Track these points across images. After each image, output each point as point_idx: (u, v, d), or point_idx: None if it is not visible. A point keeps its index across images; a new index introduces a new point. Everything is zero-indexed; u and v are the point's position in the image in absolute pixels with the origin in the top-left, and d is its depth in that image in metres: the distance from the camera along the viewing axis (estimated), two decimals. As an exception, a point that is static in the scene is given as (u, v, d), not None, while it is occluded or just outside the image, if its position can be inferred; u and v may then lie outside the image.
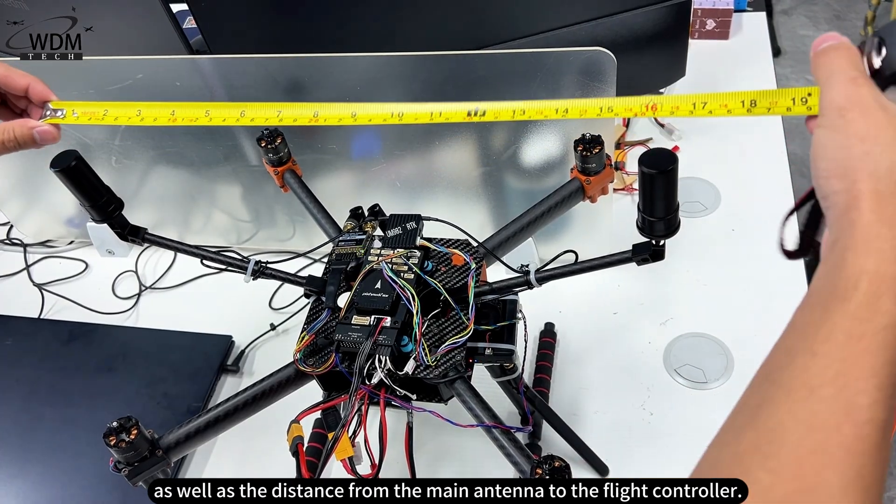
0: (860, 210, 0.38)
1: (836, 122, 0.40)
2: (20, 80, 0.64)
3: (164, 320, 1.10)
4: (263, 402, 0.74)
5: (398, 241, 0.76)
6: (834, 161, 0.40)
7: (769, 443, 0.35)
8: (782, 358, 0.38)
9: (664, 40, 1.07)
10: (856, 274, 0.37)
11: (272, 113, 0.57)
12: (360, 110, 0.59)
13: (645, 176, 0.56)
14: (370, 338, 0.67)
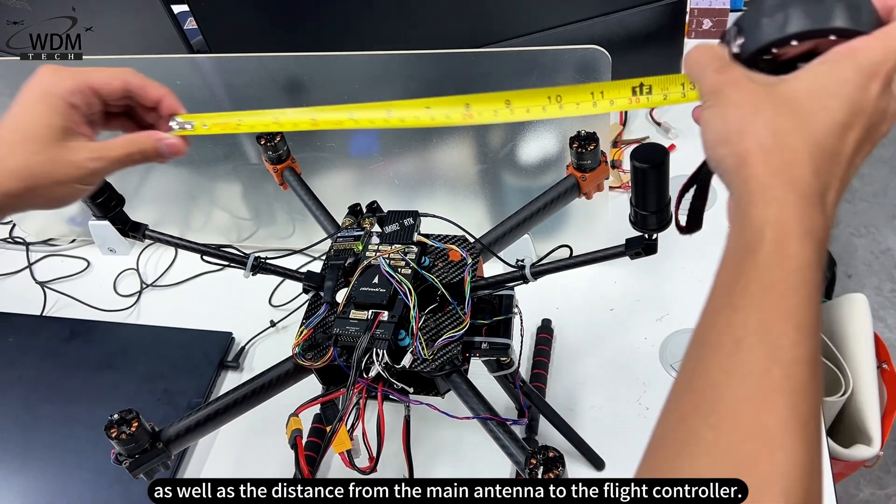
0: (749, 165, 0.40)
1: (713, 100, 0.43)
2: (154, 93, 0.60)
3: (165, 317, 1.11)
4: (263, 395, 0.75)
5: (396, 237, 0.77)
6: (716, 131, 0.43)
7: (706, 400, 0.37)
8: (708, 318, 0.40)
9: (660, 39, 1.08)
10: (759, 225, 0.38)
11: (422, 112, 0.55)
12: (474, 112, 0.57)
13: (637, 170, 0.57)
14: (368, 332, 0.68)
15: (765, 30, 0.43)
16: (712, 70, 0.44)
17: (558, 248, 0.72)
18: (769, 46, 0.43)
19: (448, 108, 0.54)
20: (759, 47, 0.43)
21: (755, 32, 0.43)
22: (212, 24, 0.94)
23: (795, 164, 0.39)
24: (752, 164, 0.40)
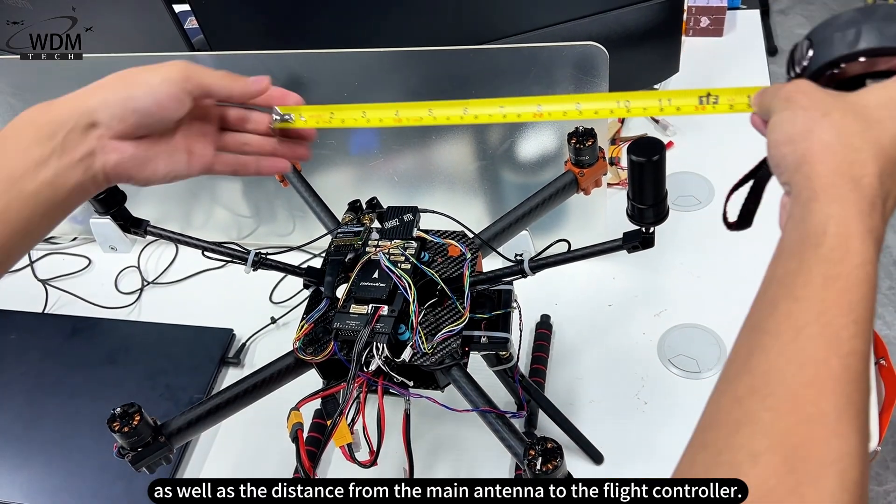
0: (812, 163, 0.42)
1: (783, 105, 0.45)
2: (254, 87, 0.61)
3: (166, 314, 1.11)
4: (264, 389, 0.75)
5: (395, 232, 0.78)
6: (783, 132, 0.45)
7: (765, 384, 0.38)
8: (766, 308, 0.41)
9: (658, 37, 1.08)
10: (823, 220, 0.40)
11: (496, 110, 0.59)
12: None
13: (633, 164, 0.57)
14: (368, 326, 0.69)
15: (836, 45, 0.45)
16: (785, 85, 0.47)
17: (557, 242, 0.73)
18: (839, 61, 0.45)
19: (520, 106, 0.58)
20: (828, 61, 0.45)
21: (826, 47, 0.45)
22: (212, 23, 0.95)
23: (858, 165, 0.41)
24: (815, 162, 0.42)
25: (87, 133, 0.52)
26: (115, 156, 0.54)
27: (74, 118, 0.52)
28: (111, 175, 0.54)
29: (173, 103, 0.55)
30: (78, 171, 0.52)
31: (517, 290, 0.76)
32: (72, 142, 0.52)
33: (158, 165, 0.57)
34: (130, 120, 0.54)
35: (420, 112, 0.61)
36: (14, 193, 0.50)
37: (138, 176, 0.56)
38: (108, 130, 0.53)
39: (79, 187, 0.53)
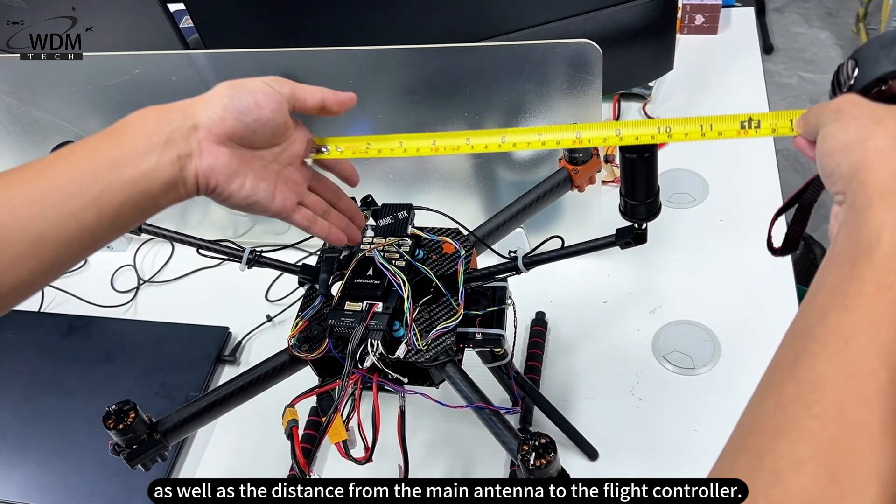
0: (867, 170, 0.41)
1: (834, 117, 0.45)
2: (344, 96, 0.62)
3: (162, 313, 1.11)
4: (259, 387, 0.75)
5: (390, 229, 0.78)
6: (836, 141, 0.44)
7: (811, 392, 0.38)
8: (815, 315, 0.40)
9: (652, 34, 1.09)
10: (877, 227, 0.39)
11: (534, 138, 0.60)
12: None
13: (626, 160, 0.58)
14: (362, 322, 0.69)
15: (882, 62, 0.46)
16: (834, 100, 0.47)
17: (550, 238, 0.73)
18: (886, 77, 0.46)
19: (559, 133, 0.58)
20: (875, 78, 0.46)
21: (872, 64, 0.46)
22: (207, 21, 0.95)
23: None
24: (870, 169, 0.41)
25: (190, 135, 0.54)
26: (210, 159, 0.55)
27: (180, 119, 0.54)
28: (201, 178, 0.56)
29: (270, 103, 0.57)
30: (174, 168, 0.53)
31: (512, 287, 0.76)
32: (175, 140, 0.53)
33: (245, 182, 0.58)
34: (230, 120, 0.55)
35: (457, 141, 0.62)
36: (112, 178, 0.51)
37: (224, 187, 0.57)
38: (208, 133, 0.55)
39: (170, 184, 0.54)
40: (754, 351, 0.94)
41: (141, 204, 0.53)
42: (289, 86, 0.59)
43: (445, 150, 0.63)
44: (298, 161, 0.63)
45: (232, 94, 0.56)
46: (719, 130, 0.54)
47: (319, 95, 0.61)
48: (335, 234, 0.66)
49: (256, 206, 0.60)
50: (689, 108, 1.31)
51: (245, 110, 0.56)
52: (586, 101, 0.86)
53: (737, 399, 0.89)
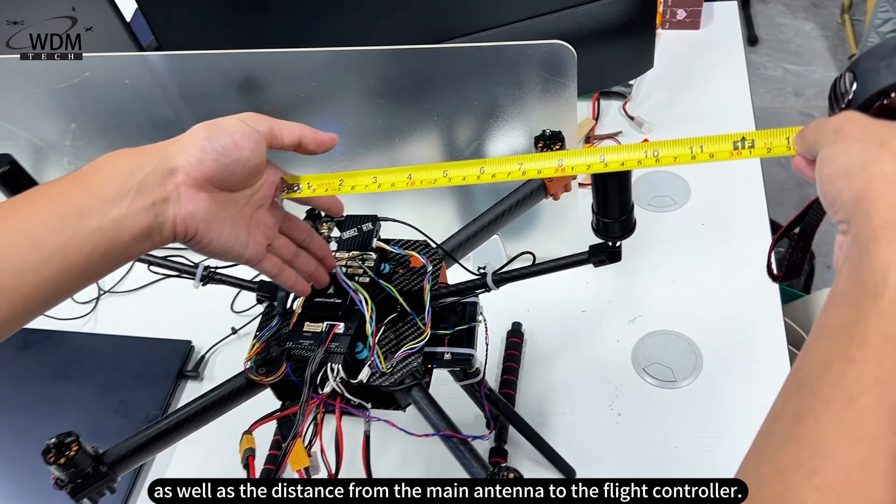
0: (871, 199, 0.38)
1: (834, 137, 0.42)
2: (324, 135, 0.61)
3: (123, 326, 1.07)
4: (214, 412, 0.71)
5: (354, 243, 0.74)
6: (836, 165, 0.41)
7: (812, 457, 0.34)
8: (817, 364, 0.37)
9: (631, 32, 1.04)
10: (883, 266, 0.36)
11: (514, 168, 0.57)
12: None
13: (597, 177, 0.54)
14: (322, 345, 0.65)
15: (882, 74, 0.43)
16: (832, 118, 0.43)
17: (521, 254, 0.69)
18: (888, 90, 0.42)
19: (541, 162, 0.55)
20: (876, 91, 0.43)
21: (872, 77, 0.43)
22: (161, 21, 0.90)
23: None
24: (875, 198, 0.37)
25: (167, 179, 0.51)
26: (189, 206, 0.52)
27: (155, 163, 0.51)
28: (179, 226, 0.52)
29: (249, 143, 0.54)
30: (148, 215, 0.50)
31: (486, 295, 0.72)
32: (149, 185, 0.50)
33: (224, 229, 0.55)
34: (208, 163, 0.52)
35: (434, 174, 0.59)
36: (79, 227, 0.47)
37: (203, 234, 0.54)
38: (186, 177, 0.52)
39: (144, 233, 0.50)
40: (737, 364, 0.91)
41: (110, 254, 0.49)
42: (266, 123, 0.56)
43: (422, 183, 0.60)
44: (269, 202, 0.60)
45: (209, 135, 0.53)
46: (711, 152, 0.50)
47: (297, 132, 0.58)
48: (301, 286, 0.64)
49: (230, 255, 0.57)
50: (671, 106, 1.27)
51: (224, 151, 0.53)
52: (561, 104, 0.82)
53: (718, 414, 0.87)
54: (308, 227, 0.66)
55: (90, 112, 0.92)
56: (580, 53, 0.78)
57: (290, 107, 0.87)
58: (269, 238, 0.60)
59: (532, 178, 0.75)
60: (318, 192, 0.61)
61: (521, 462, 0.87)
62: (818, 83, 2.65)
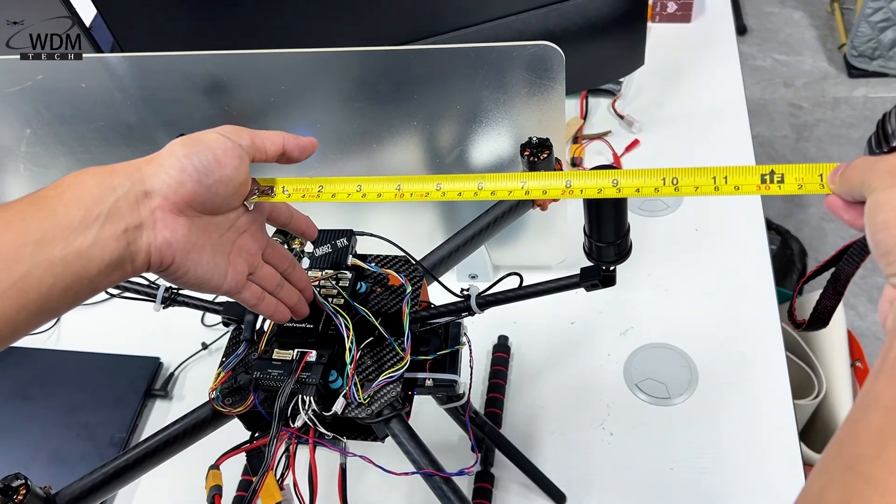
0: None
1: (891, 182, 0.38)
2: (304, 140, 0.56)
3: (88, 341, 1.01)
4: (178, 446, 0.66)
5: (327, 260, 0.69)
6: (894, 211, 0.36)
7: None
8: (869, 442, 0.32)
9: (621, 27, 0.99)
10: None
11: (516, 186, 0.53)
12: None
13: (590, 200, 0.49)
14: (292, 375, 0.60)
15: None
16: (887, 158, 0.39)
17: (507, 275, 0.64)
18: None
19: (547, 181, 0.50)
20: None
21: None
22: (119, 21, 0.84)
23: None
24: None
25: (141, 203, 0.46)
26: (166, 233, 0.47)
27: (128, 184, 0.46)
28: (154, 255, 0.47)
29: (231, 159, 0.49)
30: (119, 244, 0.45)
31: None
32: (120, 210, 0.45)
33: (203, 257, 0.50)
34: (189, 184, 0.47)
35: (426, 186, 0.54)
36: (38, 259, 0.42)
37: (180, 264, 0.49)
38: (164, 201, 0.47)
39: (114, 264, 0.45)
40: (733, 378, 0.86)
41: (74, 288, 0.44)
42: (247, 135, 0.52)
43: (412, 196, 0.55)
44: (256, 226, 0.55)
45: (189, 153, 0.48)
46: (735, 185, 0.46)
47: (280, 141, 0.54)
48: (281, 313, 0.59)
49: (207, 285, 0.52)
50: (662, 103, 1.23)
51: (206, 170, 0.48)
52: (548, 108, 0.77)
53: (715, 433, 0.83)
54: (291, 256, 0.61)
55: (45, 117, 0.86)
56: (568, 51, 0.72)
57: (260, 111, 0.82)
58: (251, 266, 0.55)
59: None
60: (294, 198, 0.56)
61: (508, 486, 0.82)
62: (808, 73, 2.62)
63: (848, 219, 0.42)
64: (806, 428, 1.30)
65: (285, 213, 0.61)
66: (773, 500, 0.77)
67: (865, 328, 1.86)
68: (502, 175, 0.53)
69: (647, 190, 0.47)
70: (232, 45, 0.77)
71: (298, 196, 0.56)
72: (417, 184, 0.55)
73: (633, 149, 1.15)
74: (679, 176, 0.47)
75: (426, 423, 0.85)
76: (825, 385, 1.23)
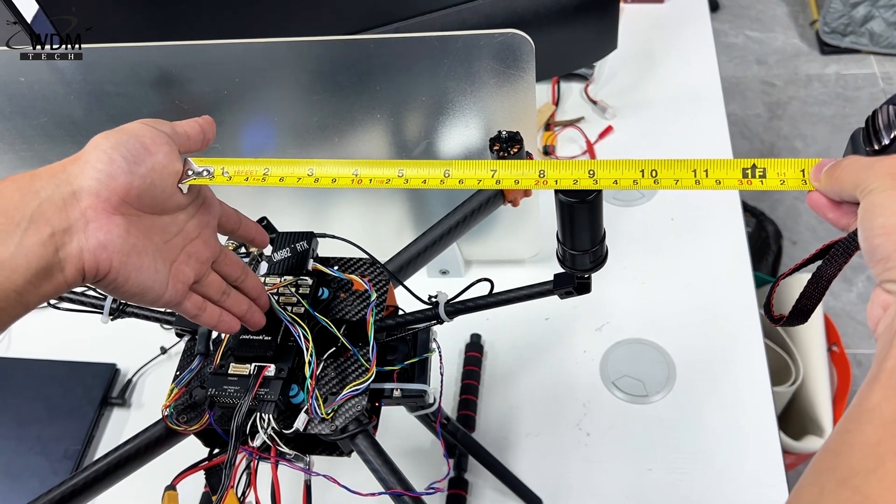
0: None
1: (890, 183, 0.36)
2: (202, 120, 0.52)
3: (41, 348, 0.96)
4: (130, 467, 0.62)
5: (286, 265, 0.65)
6: (894, 217, 0.35)
7: None
8: (865, 459, 0.30)
9: (593, 10, 0.95)
10: None
11: (486, 174, 0.49)
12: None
13: (563, 206, 0.45)
14: (249, 392, 0.56)
15: None
16: (886, 160, 0.37)
17: (477, 282, 0.61)
18: None
19: (520, 170, 0.47)
20: None
21: None
22: (60, 12, 0.78)
23: None
24: None
25: (69, 205, 0.42)
26: (100, 234, 0.43)
27: (52, 186, 0.42)
28: (88, 261, 0.43)
29: (160, 145, 0.46)
30: (46, 250, 0.41)
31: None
32: (45, 214, 0.41)
33: (144, 262, 0.46)
34: (121, 176, 0.44)
35: (387, 172, 0.50)
36: None
37: (119, 270, 0.44)
38: (95, 199, 0.43)
39: (42, 272, 0.41)
40: (712, 373, 0.84)
41: (0, 303, 0.40)
42: (166, 124, 0.49)
43: (371, 182, 0.51)
44: (208, 231, 0.52)
45: (114, 143, 0.44)
46: (717, 178, 0.44)
47: (196, 125, 0.51)
48: (225, 323, 0.54)
49: (146, 296, 0.47)
50: (636, 88, 1.19)
51: (135, 158, 0.45)
52: (518, 99, 0.73)
53: (694, 431, 0.80)
54: (243, 264, 0.57)
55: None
56: (538, 36, 0.68)
57: (213, 104, 0.77)
58: (197, 275, 0.51)
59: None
60: (235, 181, 0.52)
61: (483, 492, 0.80)
62: (780, 50, 2.60)
63: (832, 217, 0.40)
64: (783, 414, 1.29)
65: (233, 219, 0.57)
66: (753, 501, 0.75)
67: (840, 308, 1.86)
68: (471, 162, 0.49)
69: (626, 182, 0.45)
70: (183, 37, 0.72)
71: (241, 179, 0.51)
72: (377, 169, 0.51)
73: (606, 135, 1.11)
74: (658, 168, 0.44)
75: (396, 427, 0.82)
76: (802, 371, 1.22)
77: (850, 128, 2.31)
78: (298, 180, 0.52)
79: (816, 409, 1.22)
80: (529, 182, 0.47)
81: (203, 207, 0.52)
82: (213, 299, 0.53)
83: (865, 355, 1.75)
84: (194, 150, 0.51)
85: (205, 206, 0.52)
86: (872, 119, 0.39)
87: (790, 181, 0.42)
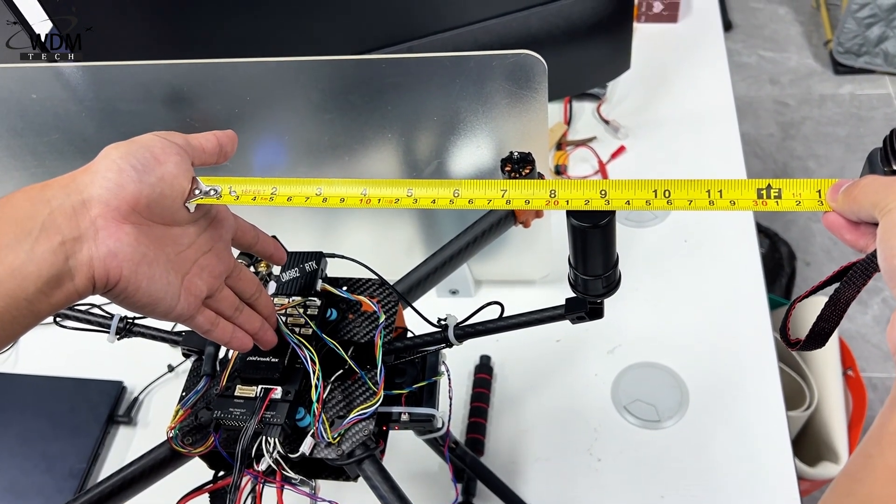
0: None
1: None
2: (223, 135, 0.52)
3: (47, 364, 0.95)
4: (134, 490, 0.61)
5: (295, 285, 0.64)
6: None
7: None
8: (888, 484, 0.30)
9: (605, 30, 0.95)
10: None
11: (495, 194, 0.48)
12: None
13: (575, 231, 0.45)
14: (255, 415, 0.56)
15: None
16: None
17: (488, 304, 0.60)
18: None
19: (530, 190, 0.47)
20: None
21: None
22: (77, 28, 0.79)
23: None
24: None
25: (79, 214, 0.42)
26: (110, 242, 0.43)
27: (62, 196, 0.42)
28: (98, 270, 0.43)
29: (171, 156, 0.46)
30: (57, 258, 0.41)
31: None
32: (56, 222, 0.42)
33: (155, 272, 0.46)
34: (130, 185, 0.44)
35: (396, 192, 0.49)
36: None
37: (129, 279, 0.44)
38: (105, 208, 0.43)
39: (53, 281, 0.41)
40: (725, 397, 0.83)
41: (11, 312, 0.40)
42: (180, 135, 0.49)
43: (380, 202, 0.50)
44: (221, 245, 0.52)
45: (124, 153, 0.45)
46: (731, 199, 0.43)
47: (213, 138, 0.50)
48: (238, 340, 0.54)
49: (157, 308, 0.47)
50: (649, 107, 1.19)
51: (145, 168, 0.45)
52: (530, 120, 0.73)
53: (707, 458, 0.79)
54: (258, 281, 0.56)
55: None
56: (551, 56, 0.68)
57: (224, 123, 0.77)
58: (210, 289, 0.51)
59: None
60: (243, 200, 0.51)
61: (491, 518, 0.78)
62: (793, 70, 2.59)
63: (849, 238, 0.39)
64: (798, 439, 1.27)
65: (250, 234, 0.56)
66: (768, 531, 0.73)
67: (855, 331, 1.83)
68: (480, 182, 0.48)
69: (638, 202, 0.44)
70: (196, 55, 0.72)
71: (248, 199, 0.51)
72: (386, 189, 0.50)
73: (619, 155, 1.11)
74: (672, 188, 0.43)
75: (404, 450, 0.81)
76: (817, 396, 1.20)
77: (864, 148, 2.29)
78: (307, 200, 0.51)
79: (831, 435, 1.20)
80: (540, 202, 0.46)
81: (215, 221, 0.52)
82: (225, 315, 0.53)
83: (881, 379, 1.72)
84: (210, 163, 0.51)
85: (217, 220, 0.52)
86: (890, 139, 0.39)
87: (806, 202, 0.41)
